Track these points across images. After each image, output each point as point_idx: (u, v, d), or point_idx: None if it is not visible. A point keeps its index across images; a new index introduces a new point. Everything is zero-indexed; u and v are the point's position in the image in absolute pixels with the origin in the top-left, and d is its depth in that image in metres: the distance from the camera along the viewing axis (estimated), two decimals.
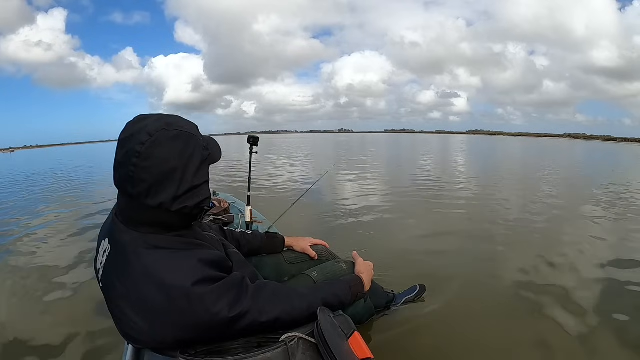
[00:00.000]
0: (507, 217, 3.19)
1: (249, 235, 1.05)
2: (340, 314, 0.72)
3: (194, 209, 0.63)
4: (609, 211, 3.38)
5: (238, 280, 0.65)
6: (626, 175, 6.75)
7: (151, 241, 0.62)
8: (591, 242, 2.43)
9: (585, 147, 22.43)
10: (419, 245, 2.35)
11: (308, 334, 0.65)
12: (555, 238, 2.56)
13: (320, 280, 0.92)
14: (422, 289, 1.50)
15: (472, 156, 13.52)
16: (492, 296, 1.62)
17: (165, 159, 0.58)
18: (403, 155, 13.56)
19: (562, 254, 2.17)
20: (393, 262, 1.96)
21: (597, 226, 2.85)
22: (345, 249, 1.39)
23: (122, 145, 0.59)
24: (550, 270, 1.91)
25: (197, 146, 0.62)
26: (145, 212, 0.61)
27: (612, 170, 7.99)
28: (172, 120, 0.62)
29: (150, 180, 0.58)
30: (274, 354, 0.60)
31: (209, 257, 0.64)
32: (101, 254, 0.67)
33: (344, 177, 6.21)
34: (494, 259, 2.12)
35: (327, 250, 1.14)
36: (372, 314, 1.10)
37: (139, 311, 0.60)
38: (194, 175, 0.61)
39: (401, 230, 2.79)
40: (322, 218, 3.11)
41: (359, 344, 0.64)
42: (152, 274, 0.59)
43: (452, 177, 6.51)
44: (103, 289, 0.67)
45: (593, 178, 6.43)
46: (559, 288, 1.67)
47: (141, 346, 0.67)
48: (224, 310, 0.60)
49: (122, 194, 0.63)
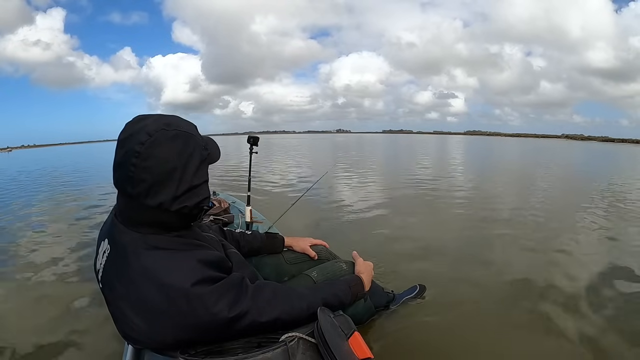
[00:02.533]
0: (507, 217, 3.20)
1: (249, 236, 1.05)
2: (340, 314, 0.72)
3: (194, 209, 0.63)
4: (608, 211, 3.40)
5: (238, 280, 0.64)
6: (624, 175, 6.78)
7: (151, 242, 0.62)
8: (591, 242, 2.45)
9: (583, 149, 22.49)
10: (419, 245, 2.35)
11: (308, 334, 0.64)
12: (555, 238, 2.56)
13: (320, 280, 0.92)
14: (422, 289, 1.50)
15: (470, 156, 13.55)
16: (492, 296, 1.62)
17: (164, 158, 0.58)
18: (402, 156, 13.58)
19: (561, 254, 2.18)
20: (393, 262, 1.96)
21: (597, 226, 2.86)
22: (345, 249, 1.38)
23: (122, 146, 0.59)
24: (550, 271, 1.91)
25: (197, 146, 0.62)
26: (145, 212, 0.61)
27: (610, 170, 8.03)
28: (172, 120, 0.62)
29: (149, 180, 0.58)
30: (274, 354, 0.60)
31: (209, 258, 0.64)
32: (101, 254, 0.67)
33: (344, 177, 6.21)
34: (493, 259, 2.12)
35: (327, 250, 1.14)
36: (372, 314, 1.10)
37: (138, 312, 0.60)
38: (193, 175, 0.61)
39: (401, 230, 2.79)
40: (322, 218, 3.11)
41: (359, 344, 0.64)
42: (152, 275, 0.59)
43: (451, 177, 6.52)
44: (103, 289, 0.66)
45: (592, 178, 6.45)
46: (559, 288, 1.67)
47: (141, 346, 0.67)
48: (224, 311, 0.60)
49: (121, 194, 0.63)
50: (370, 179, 6.14)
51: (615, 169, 8.67)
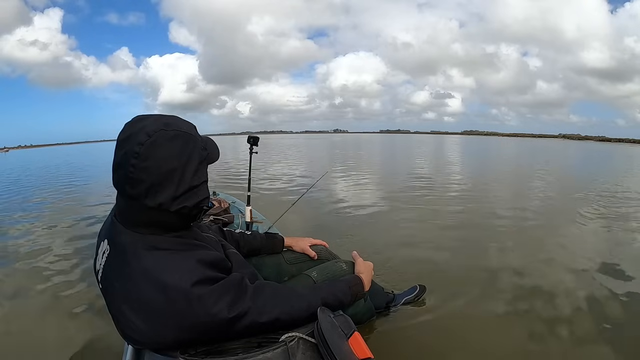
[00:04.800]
0: (506, 218, 3.20)
1: (249, 236, 1.05)
2: (340, 314, 0.72)
3: (193, 209, 0.63)
4: (608, 211, 3.41)
5: (237, 280, 0.64)
6: (622, 176, 6.81)
7: (150, 242, 0.61)
8: (592, 242, 2.45)
9: (581, 149, 22.57)
10: (419, 246, 2.35)
11: (308, 334, 0.64)
12: (555, 238, 2.56)
13: (320, 280, 0.92)
14: (422, 289, 1.50)
15: (469, 156, 13.57)
16: (491, 296, 1.62)
17: (164, 159, 0.58)
18: (401, 156, 13.59)
19: (562, 254, 2.19)
20: (393, 262, 1.96)
21: (597, 226, 2.87)
22: (345, 249, 1.39)
23: (121, 146, 0.59)
24: (550, 271, 1.91)
25: (196, 146, 0.62)
26: (144, 213, 0.61)
27: (610, 170, 8.05)
28: (171, 121, 0.62)
29: (149, 181, 0.57)
30: (274, 354, 0.60)
31: (208, 258, 0.64)
32: (100, 255, 0.67)
33: (344, 177, 6.21)
34: (493, 259, 2.12)
35: (327, 250, 1.14)
36: (372, 314, 1.09)
37: (138, 312, 0.60)
38: (192, 175, 0.61)
39: (401, 230, 2.79)
40: (322, 218, 3.11)
41: (359, 344, 0.64)
42: (152, 275, 0.59)
43: (450, 177, 6.53)
44: (102, 289, 0.66)
45: (591, 179, 6.47)
46: (559, 289, 1.67)
47: (141, 347, 0.67)
48: (224, 311, 0.60)
49: (121, 195, 0.63)
50: (370, 179, 6.15)
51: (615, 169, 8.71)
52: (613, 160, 12.16)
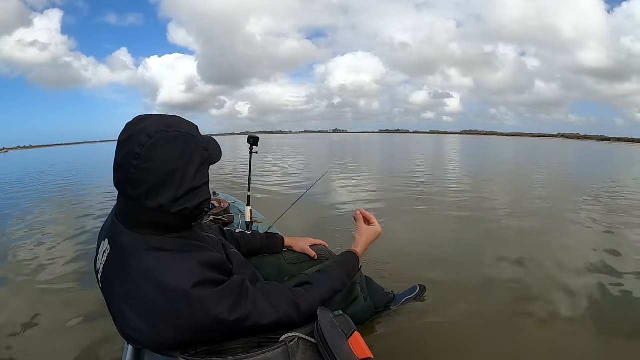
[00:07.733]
0: (507, 217, 3.20)
1: (249, 236, 1.05)
2: (340, 314, 0.72)
3: (194, 211, 0.63)
4: (608, 210, 3.41)
5: (238, 283, 0.64)
6: (621, 176, 6.81)
7: (151, 243, 0.61)
8: (592, 242, 2.45)
9: (580, 148, 22.56)
10: (419, 246, 2.35)
11: (308, 334, 0.64)
12: (555, 238, 2.57)
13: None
14: (422, 289, 1.50)
15: (468, 157, 13.57)
16: (491, 296, 1.62)
17: (164, 160, 0.58)
18: (400, 156, 13.58)
19: (562, 254, 2.18)
20: (393, 262, 1.96)
21: (597, 225, 2.87)
22: (345, 249, 1.38)
23: (122, 147, 0.59)
24: (550, 271, 1.91)
25: (197, 147, 0.62)
26: (145, 214, 0.60)
27: (608, 171, 8.06)
28: (172, 121, 0.61)
29: (149, 182, 0.57)
30: (274, 354, 0.60)
31: (209, 260, 0.64)
32: (101, 254, 0.67)
33: (344, 177, 6.21)
34: (493, 259, 2.12)
35: (327, 250, 1.14)
36: (372, 314, 1.10)
37: (138, 312, 0.60)
38: (193, 176, 0.61)
39: (401, 230, 2.80)
40: (322, 218, 3.11)
41: (359, 344, 0.64)
42: (152, 276, 0.59)
43: (450, 177, 6.53)
44: (103, 289, 0.66)
45: (590, 179, 6.47)
46: (559, 289, 1.68)
47: (141, 346, 0.67)
48: (224, 313, 0.60)
49: (121, 195, 0.63)
50: (370, 179, 6.15)
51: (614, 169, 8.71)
52: (613, 160, 12.17)
